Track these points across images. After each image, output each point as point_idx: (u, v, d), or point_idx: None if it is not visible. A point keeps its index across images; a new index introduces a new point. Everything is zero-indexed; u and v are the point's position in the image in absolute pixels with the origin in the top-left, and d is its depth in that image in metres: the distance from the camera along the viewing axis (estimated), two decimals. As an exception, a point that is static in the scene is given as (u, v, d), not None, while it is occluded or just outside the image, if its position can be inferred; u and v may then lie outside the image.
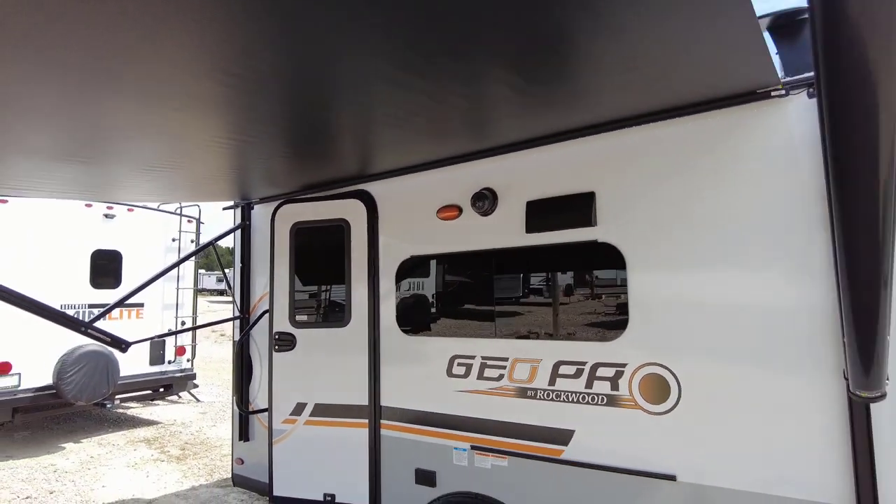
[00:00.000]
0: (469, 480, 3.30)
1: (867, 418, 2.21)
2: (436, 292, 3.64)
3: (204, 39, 1.74)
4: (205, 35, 1.70)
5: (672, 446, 2.65)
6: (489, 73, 2.15)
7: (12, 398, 7.45)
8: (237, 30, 1.70)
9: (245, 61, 1.94)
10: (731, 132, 2.56)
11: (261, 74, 2.07)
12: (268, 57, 1.93)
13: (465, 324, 3.48)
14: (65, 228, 8.20)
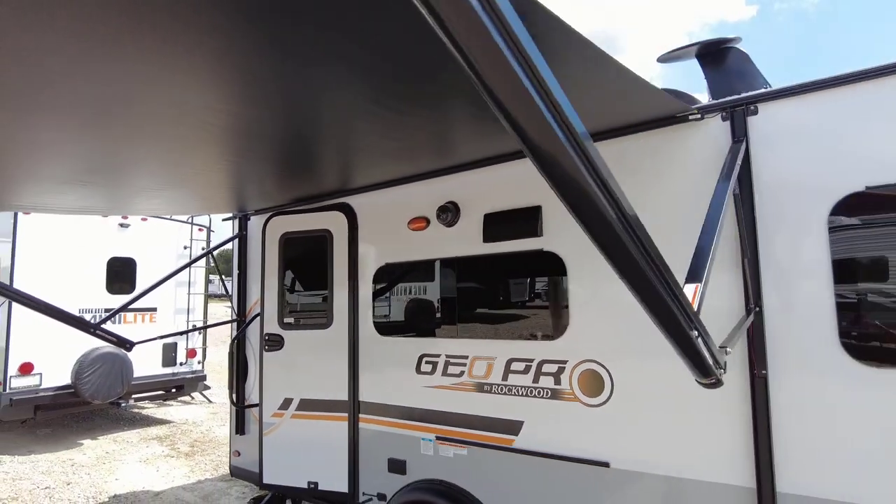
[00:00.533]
0: (434, 468, 3.61)
1: (766, 407, 2.49)
2: (409, 296, 3.98)
3: (204, 89, 2.11)
4: (206, 86, 2.08)
5: (606, 435, 2.94)
6: (451, 105, 2.50)
7: (34, 396, 7.94)
8: (234, 81, 2.06)
9: (240, 104, 2.31)
10: (657, 152, 2.86)
11: (255, 112, 2.44)
12: (262, 101, 2.29)
13: (433, 324, 3.81)
14: (83, 237, 8.69)
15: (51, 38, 1.64)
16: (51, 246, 8.28)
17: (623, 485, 2.87)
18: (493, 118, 2.69)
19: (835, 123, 2.44)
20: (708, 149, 2.68)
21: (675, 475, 2.73)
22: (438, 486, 3.56)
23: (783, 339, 2.49)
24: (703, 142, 2.72)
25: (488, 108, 2.31)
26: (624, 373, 2.91)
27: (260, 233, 4.60)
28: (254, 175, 3.69)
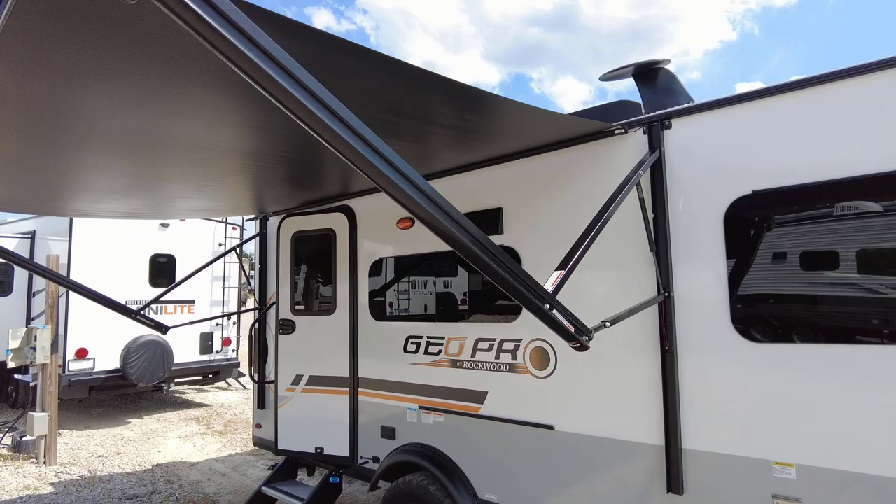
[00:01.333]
0: (418, 434, 4.19)
1: (674, 378, 2.97)
2: (397, 286, 4.56)
3: (225, 126, 2.75)
4: (227, 124, 2.72)
5: (551, 403, 3.46)
6: (434, 129, 3.07)
7: (89, 378, 8.87)
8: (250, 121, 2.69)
9: (255, 135, 2.94)
10: (592, 162, 3.36)
11: (268, 140, 3.06)
12: (275, 133, 2.91)
13: (417, 310, 4.38)
14: (128, 236, 9.59)
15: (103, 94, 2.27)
16: (101, 244, 9.20)
17: (565, 445, 3.39)
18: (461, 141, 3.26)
19: (731, 137, 2.90)
20: (631, 157, 3.16)
21: (604, 436, 3.23)
22: (420, 448, 4.13)
23: (688, 320, 2.97)
24: (628, 152, 3.20)
25: (460, 128, 2.96)
26: (564, 349, 3.42)
27: (276, 231, 5.26)
28: (267, 184, 4.33)
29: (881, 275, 2.53)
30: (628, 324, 3.05)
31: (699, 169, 2.98)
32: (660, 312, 3.02)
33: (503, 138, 3.45)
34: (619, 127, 3.21)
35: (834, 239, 2.67)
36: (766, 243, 2.84)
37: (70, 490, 6.08)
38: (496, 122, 3.15)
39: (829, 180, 2.62)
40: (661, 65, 3.53)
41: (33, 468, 6.77)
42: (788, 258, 2.85)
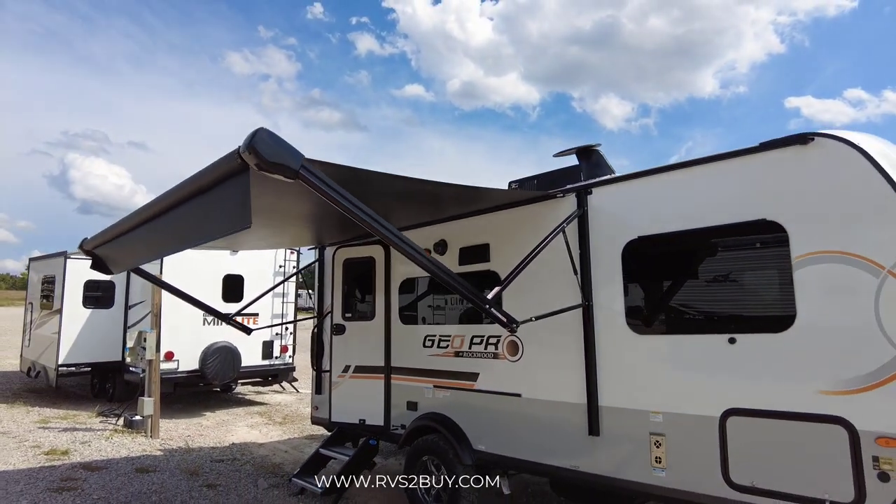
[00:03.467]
0: (434, 405, 5.82)
1: (594, 358, 4.53)
2: (419, 300, 6.25)
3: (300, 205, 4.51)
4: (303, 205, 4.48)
5: (520, 378, 5.05)
6: (445, 199, 4.79)
7: (174, 376, 10.82)
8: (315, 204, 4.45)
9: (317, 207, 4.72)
10: (544, 214, 4.97)
11: (325, 209, 4.83)
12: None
13: (433, 317, 6.06)
14: (206, 260, 11.59)
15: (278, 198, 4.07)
16: (185, 266, 11.19)
17: (528, 406, 4.97)
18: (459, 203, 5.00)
19: (626, 200, 4.49)
20: (567, 212, 4.76)
21: (552, 399, 4.81)
22: (434, 416, 5.76)
23: (602, 319, 4.54)
24: (565, 208, 4.82)
25: (463, 199, 4.89)
26: (530, 342, 5.02)
27: (331, 258, 7.04)
28: (325, 226, 6.11)
29: (711, 288, 4.08)
30: (566, 325, 4.65)
31: (607, 221, 4.58)
32: (584, 315, 4.60)
33: (487, 202, 5.13)
34: (559, 193, 4.85)
35: (685, 267, 4.23)
36: (646, 271, 4.41)
37: (174, 454, 7.94)
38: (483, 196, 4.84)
39: (684, 230, 4.18)
40: (595, 147, 5.15)
41: (144, 440, 8.70)
42: (659, 280, 4.42)
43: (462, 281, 3.75)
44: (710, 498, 3.85)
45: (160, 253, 3.87)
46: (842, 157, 3.54)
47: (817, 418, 3.47)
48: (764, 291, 3.95)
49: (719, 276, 4.12)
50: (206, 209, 3.15)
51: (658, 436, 4.16)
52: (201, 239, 3.20)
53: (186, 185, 3.28)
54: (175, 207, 3.47)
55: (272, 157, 2.72)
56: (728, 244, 4.07)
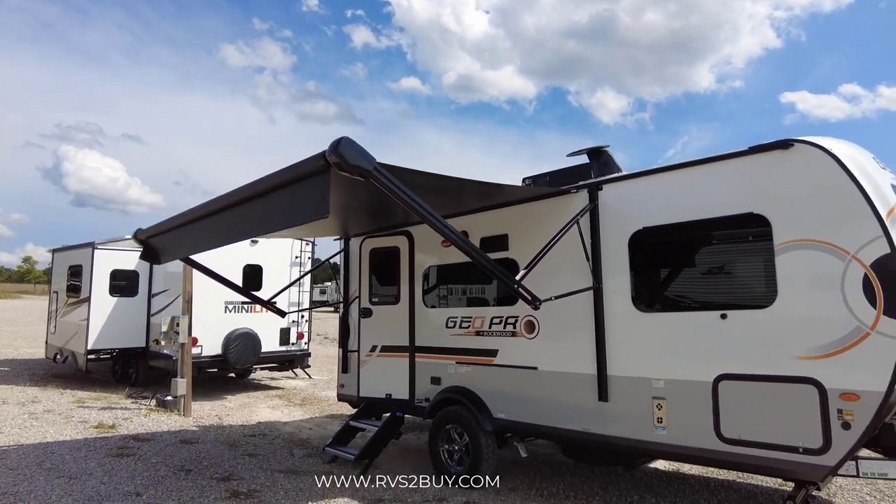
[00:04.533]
0: (456, 379, 6.47)
1: (603, 333, 5.18)
2: (441, 285, 6.89)
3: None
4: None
5: (536, 353, 5.70)
6: (469, 193, 5.42)
7: (198, 360, 11.43)
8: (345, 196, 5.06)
9: (344, 197, 5.32)
10: (559, 208, 5.61)
11: (354, 198, 5.44)
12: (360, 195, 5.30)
13: (455, 300, 6.70)
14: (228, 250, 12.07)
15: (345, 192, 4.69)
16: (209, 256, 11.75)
17: (544, 378, 5.63)
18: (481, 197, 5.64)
19: (633, 196, 5.14)
20: (580, 206, 5.40)
21: (565, 371, 5.46)
22: (457, 389, 6.41)
23: (610, 300, 5.19)
24: (578, 203, 5.46)
25: (479, 193, 5.56)
26: (545, 320, 5.67)
27: (358, 248, 7.68)
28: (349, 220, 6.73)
29: (706, 271, 4.75)
30: (578, 305, 5.30)
31: (616, 215, 5.23)
32: (595, 297, 5.26)
33: (506, 196, 5.78)
34: (573, 189, 5.50)
35: (684, 254, 4.89)
36: (650, 257, 5.07)
37: (210, 430, 8.58)
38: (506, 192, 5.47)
39: (683, 221, 4.83)
40: (605, 148, 5.79)
41: (178, 418, 9.34)
42: (661, 265, 5.08)
43: (494, 263, 4.39)
44: (705, 450, 4.52)
45: (229, 240, 4.48)
46: (817, 160, 4.19)
47: (794, 380, 4.14)
48: (751, 274, 4.61)
49: (713, 262, 4.78)
50: (287, 200, 3.78)
51: (660, 399, 4.82)
52: (284, 225, 3.82)
53: (270, 179, 3.91)
54: (257, 198, 4.09)
55: (353, 160, 3.35)
56: (721, 234, 4.73)
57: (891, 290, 3.81)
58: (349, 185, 3.92)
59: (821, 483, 4.12)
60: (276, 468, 6.57)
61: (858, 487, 5.94)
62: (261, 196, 4.09)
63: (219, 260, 12.05)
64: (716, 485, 6.04)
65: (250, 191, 4.16)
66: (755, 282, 4.55)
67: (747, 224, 4.50)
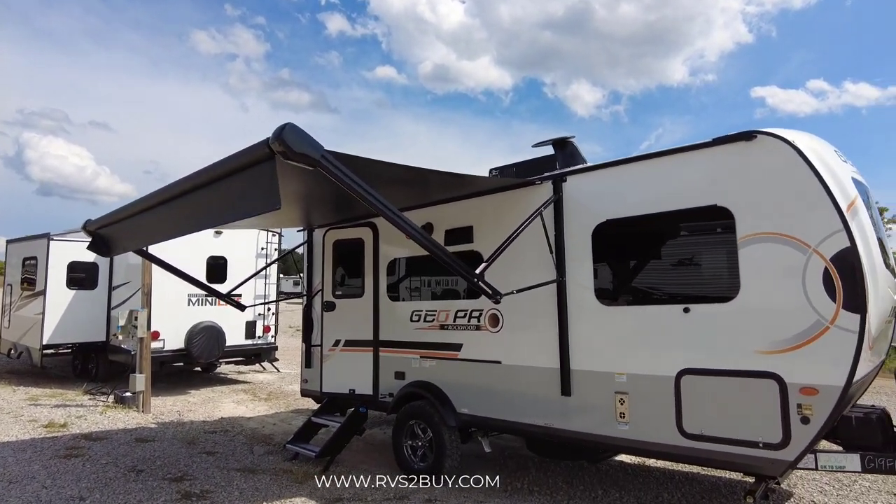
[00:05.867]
0: (420, 374, 6.34)
1: (566, 327, 5.09)
2: (406, 278, 6.73)
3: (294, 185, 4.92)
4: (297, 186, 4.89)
5: (500, 347, 5.60)
6: (433, 185, 5.25)
7: (160, 355, 11.10)
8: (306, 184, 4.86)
9: (309, 186, 5.12)
10: (522, 199, 5.49)
11: (317, 188, 5.24)
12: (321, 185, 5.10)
13: (420, 294, 6.56)
14: (190, 241, 11.76)
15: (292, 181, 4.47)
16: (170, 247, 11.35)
17: (507, 372, 5.53)
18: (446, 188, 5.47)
19: (597, 187, 5.04)
20: (544, 198, 5.29)
21: (530, 365, 5.37)
22: (421, 383, 6.28)
23: (573, 293, 5.10)
24: (543, 194, 5.34)
25: (447, 182, 5.37)
26: (509, 314, 5.56)
27: (321, 239, 7.46)
28: (318, 207, 6.52)
29: (669, 265, 4.68)
30: (542, 299, 5.20)
31: (580, 207, 5.13)
32: (558, 290, 5.16)
33: (470, 187, 5.64)
34: (537, 180, 5.38)
35: (647, 247, 4.82)
36: (613, 250, 4.99)
37: (169, 426, 8.31)
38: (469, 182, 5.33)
39: (646, 214, 4.74)
40: (570, 139, 5.68)
41: (136, 414, 9.04)
42: (624, 258, 5.00)
43: (453, 256, 4.25)
44: (667, 446, 4.47)
45: (180, 232, 4.25)
46: (779, 152, 4.13)
47: (755, 374, 4.10)
48: (714, 267, 4.55)
49: (676, 255, 4.71)
50: (234, 191, 3.57)
51: (622, 394, 4.75)
52: (233, 217, 3.61)
53: (214, 169, 3.69)
54: (200, 189, 3.87)
55: (298, 148, 3.16)
56: (684, 226, 4.66)
57: (850, 284, 3.78)
58: (304, 174, 3.73)
59: (780, 477, 4.09)
60: (234, 467, 6.37)
61: (818, 477, 5.99)
62: (209, 185, 3.88)
63: (181, 252, 11.76)
64: (680, 477, 6.03)
65: (198, 180, 3.93)
66: (718, 275, 4.50)
67: (711, 216, 4.43)
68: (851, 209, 3.96)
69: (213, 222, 3.98)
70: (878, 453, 4.16)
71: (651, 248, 4.88)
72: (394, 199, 6.21)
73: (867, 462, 4.16)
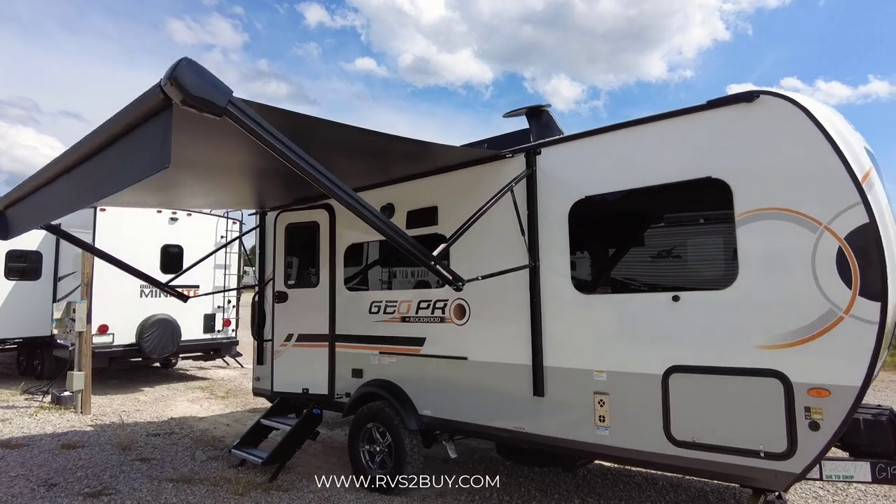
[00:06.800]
0: (379, 372, 5.69)
1: (539, 320, 4.48)
2: (365, 266, 6.07)
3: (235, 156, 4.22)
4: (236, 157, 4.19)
5: (466, 341, 4.97)
6: (392, 156, 4.57)
7: (109, 350, 10.30)
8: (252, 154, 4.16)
9: (255, 159, 4.41)
10: (492, 175, 4.86)
11: (264, 161, 4.54)
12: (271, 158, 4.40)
13: (377, 282, 5.90)
14: (143, 229, 11.02)
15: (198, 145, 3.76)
16: (120, 235, 10.60)
17: (474, 369, 4.91)
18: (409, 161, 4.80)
19: (574, 160, 4.43)
20: (516, 173, 4.66)
21: (499, 361, 4.75)
22: (379, 382, 5.64)
23: (548, 280, 4.49)
24: (513, 169, 4.71)
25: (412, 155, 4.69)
26: (476, 304, 4.93)
27: (273, 223, 6.75)
28: (266, 185, 5.82)
29: (657, 247, 4.09)
30: (513, 287, 4.59)
31: (556, 182, 4.51)
32: (531, 277, 4.54)
33: (436, 160, 5.00)
34: (508, 153, 4.74)
35: (631, 227, 4.22)
36: (592, 231, 4.38)
37: (106, 429, 7.55)
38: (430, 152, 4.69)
39: (630, 189, 4.15)
40: (545, 108, 5.05)
41: (73, 416, 8.24)
42: (605, 239, 4.40)
43: (405, 234, 3.61)
44: (653, 454, 3.89)
45: (72, 207, 3.54)
46: (786, 115, 3.55)
47: (755, 372, 3.53)
48: (708, 249, 3.97)
49: (664, 235, 4.12)
50: (125, 153, 2.88)
51: (602, 395, 4.16)
52: (116, 187, 2.92)
53: (105, 129, 2.98)
54: (95, 154, 3.16)
55: (197, 91, 2.48)
56: (674, 203, 4.07)
57: (868, 267, 3.22)
58: (243, 141, 3.04)
59: (784, 492, 3.54)
60: (168, 476, 5.66)
61: (812, 481, 5.50)
62: (103, 150, 3.17)
63: (133, 240, 10.95)
64: (664, 483, 5.49)
65: (90, 144, 3.22)
66: (713, 258, 3.92)
67: (704, 191, 3.85)
68: (867, 180, 3.40)
69: (99, 195, 3.27)
70: (890, 461, 3.64)
71: (636, 228, 4.28)
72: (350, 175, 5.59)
73: (878, 471, 3.63)
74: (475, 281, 4.13)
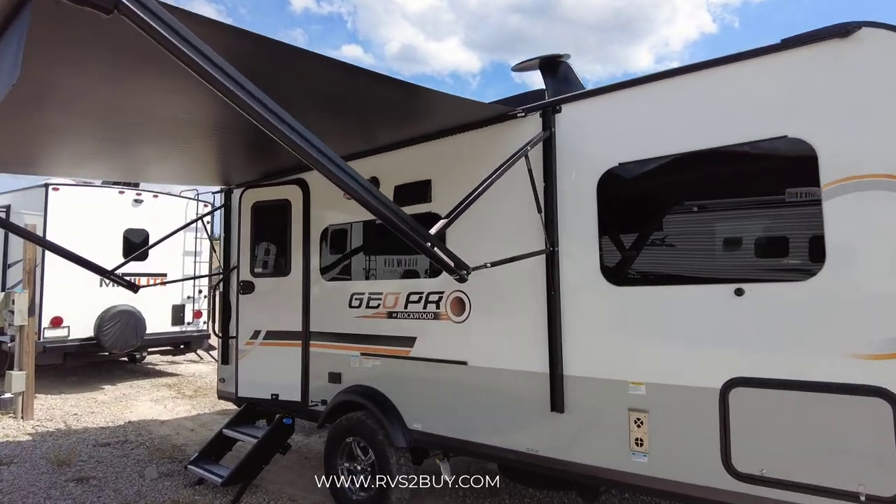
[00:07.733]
0: (359, 377, 4.81)
1: (558, 317, 3.61)
2: (344, 250, 5.15)
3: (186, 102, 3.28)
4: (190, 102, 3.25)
5: (466, 342, 4.10)
6: (374, 109, 3.66)
7: (63, 345, 9.31)
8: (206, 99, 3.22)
9: (210, 107, 3.47)
10: (499, 140, 3.96)
11: (220, 111, 3.59)
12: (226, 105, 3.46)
13: (360, 271, 4.99)
14: (103, 211, 9.98)
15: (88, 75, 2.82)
16: (76, 218, 9.58)
17: (476, 376, 4.04)
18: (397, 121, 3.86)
19: (604, 119, 3.54)
20: (529, 136, 3.76)
21: (506, 367, 3.89)
22: (360, 388, 4.76)
23: (569, 268, 3.62)
24: (527, 131, 3.82)
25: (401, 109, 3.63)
26: (479, 297, 4.06)
27: (237, 202, 5.80)
28: (224, 151, 4.86)
29: (713, 226, 3.22)
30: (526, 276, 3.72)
31: (581, 145, 3.62)
32: (548, 264, 3.67)
33: (430, 118, 4.08)
34: (520, 111, 3.84)
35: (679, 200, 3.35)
36: (628, 206, 3.50)
37: (47, 439, 6.59)
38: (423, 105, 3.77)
39: (677, 153, 3.28)
40: (562, 59, 4.15)
41: (11, 422, 7.26)
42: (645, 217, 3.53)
43: (394, 206, 2.71)
44: (706, 490, 3.06)
45: None
46: (894, 53, 2.69)
47: (850, 389, 2.69)
48: (782, 229, 3.11)
49: (724, 211, 3.26)
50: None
51: (639, 412, 3.32)
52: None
53: None
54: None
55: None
56: (736, 171, 3.20)
57: None
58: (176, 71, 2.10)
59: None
60: (106, 501, 4.74)
61: None
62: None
63: (92, 222, 9.91)
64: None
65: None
66: (789, 241, 3.07)
67: (779, 153, 2.99)
68: None
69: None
70: None
71: (685, 202, 3.41)
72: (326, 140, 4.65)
73: None
74: (483, 268, 3.23)
